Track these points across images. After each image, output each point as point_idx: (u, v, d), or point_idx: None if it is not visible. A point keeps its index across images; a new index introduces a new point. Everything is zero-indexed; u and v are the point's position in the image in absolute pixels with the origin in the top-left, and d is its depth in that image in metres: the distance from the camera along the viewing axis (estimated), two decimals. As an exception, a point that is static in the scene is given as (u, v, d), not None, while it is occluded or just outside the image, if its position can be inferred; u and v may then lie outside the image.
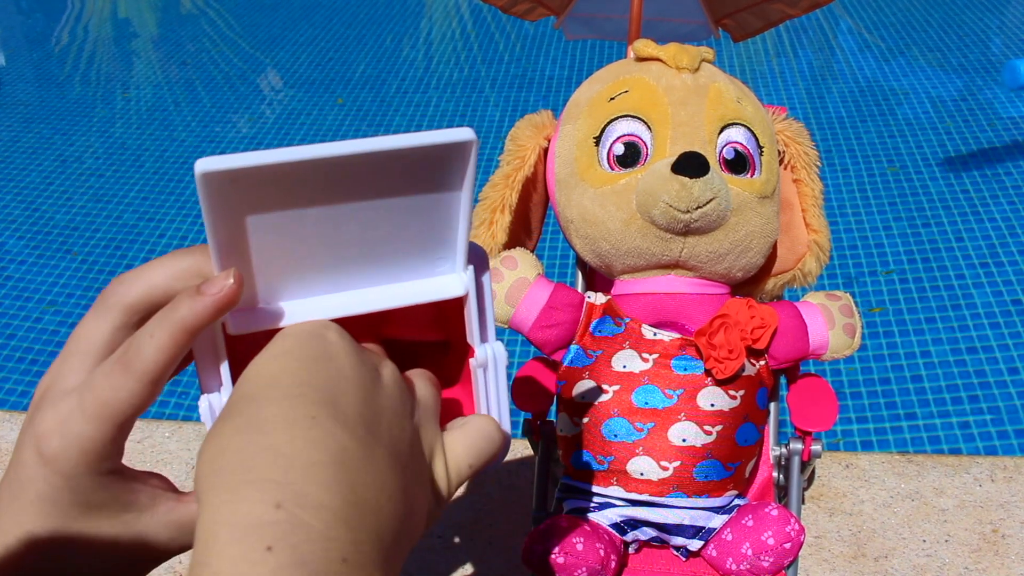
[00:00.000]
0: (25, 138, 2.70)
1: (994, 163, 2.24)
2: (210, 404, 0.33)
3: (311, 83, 2.96)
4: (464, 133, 0.31)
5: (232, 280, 0.30)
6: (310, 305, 0.33)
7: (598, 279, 0.90)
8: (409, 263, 0.35)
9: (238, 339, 0.33)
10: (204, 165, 0.28)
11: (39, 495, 0.30)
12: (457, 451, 0.35)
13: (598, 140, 0.75)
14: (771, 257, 0.81)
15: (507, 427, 0.37)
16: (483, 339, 0.37)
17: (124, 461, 0.33)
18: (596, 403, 0.75)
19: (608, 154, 0.74)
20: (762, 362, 0.77)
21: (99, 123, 2.79)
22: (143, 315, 0.32)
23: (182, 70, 3.16)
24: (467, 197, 0.33)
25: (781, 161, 0.80)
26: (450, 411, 0.38)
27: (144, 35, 3.58)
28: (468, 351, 0.37)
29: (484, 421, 0.36)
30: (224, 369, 0.33)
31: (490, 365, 0.37)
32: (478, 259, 0.36)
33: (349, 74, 3.01)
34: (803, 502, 1.19)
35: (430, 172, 0.32)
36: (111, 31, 3.62)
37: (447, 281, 0.36)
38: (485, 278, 0.36)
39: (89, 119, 2.81)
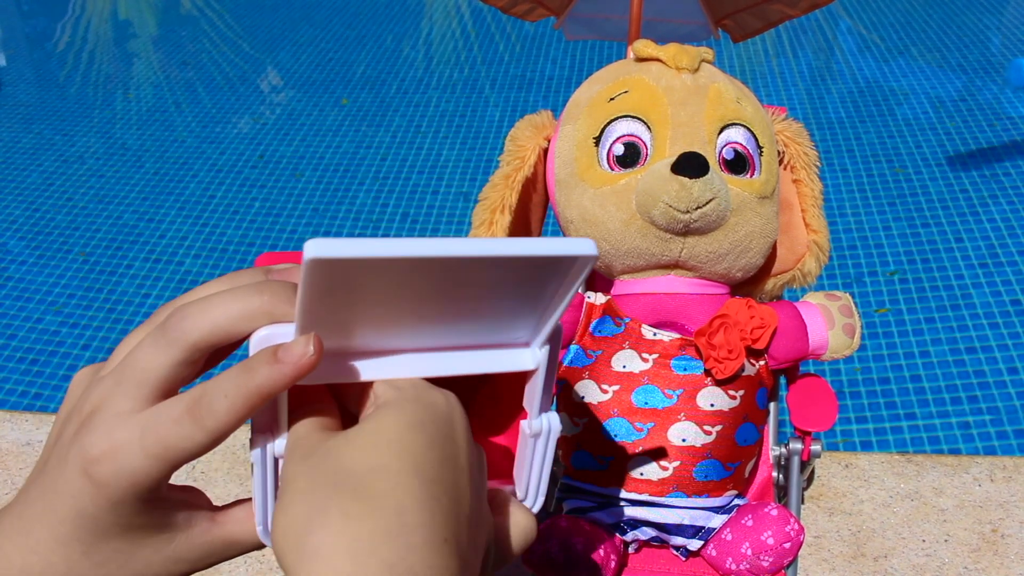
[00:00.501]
0: (26, 139, 2.70)
1: (994, 163, 2.25)
2: (264, 447, 0.33)
3: (311, 83, 2.97)
4: (587, 247, 0.30)
5: (312, 349, 0.30)
6: (386, 363, 0.33)
7: (598, 279, 0.90)
8: (489, 329, 0.35)
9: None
10: (315, 251, 0.27)
11: (80, 512, 0.31)
12: (502, 544, 0.35)
13: (598, 140, 0.75)
14: (771, 257, 0.81)
15: (542, 500, 0.38)
16: (543, 409, 0.37)
17: None
18: (596, 403, 0.76)
19: (608, 154, 0.74)
20: (762, 362, 0.78)
21: (99, 124, 2.79)
22: (205, 354, 0.32)
23: (182, 70, 3.16)
24: (572, 293, 0.33)
25: (781, 161, 0.80)
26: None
27: (144, 36, 3.58)
28: (518, 408, 0.38)
29: (527, 520, 0.36)
30: (283, 410, 0.33)
31: (542, 435, 0.37)
32: (555, 334, 0.36)
33: (349, 74, 3.02)
34: (803, 502, 1.19)
35: (544, 271, 0.32)
36: (111, 32, 3.62)
37: (522, 355, 0.36)
38: (555, 352, 0.37)
39: (89, 120, 2.81)
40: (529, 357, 0.36)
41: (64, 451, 0.31)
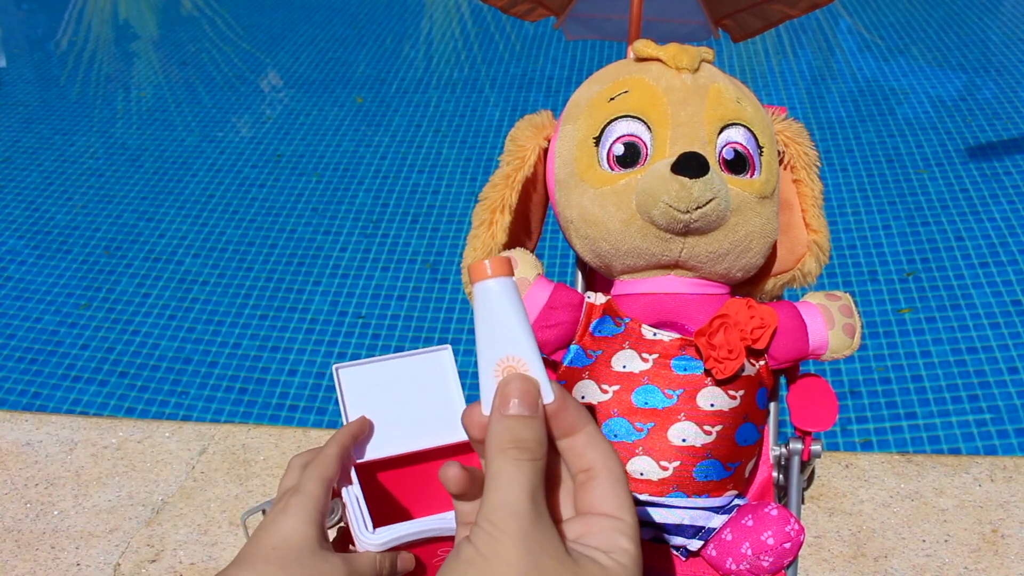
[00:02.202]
0: (26, 138, 2.70)
1: (994, 163, 2.25)
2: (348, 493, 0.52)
3: (311, 83, 2.97)
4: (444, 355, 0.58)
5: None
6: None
7: (598, 279, 0.90)
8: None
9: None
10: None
11: None
12: None
13: (598, 140, 0.75)
14: (771, 257, 0.81)
15: None
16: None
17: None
18: (596, 403, 0.76)
19: (608, 154, 0.74)
20: (762, 362, 0.78)
21: (99, 123, 2.79)
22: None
23: (182, 70, 3.16)
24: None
25: (781, 161, 0.80)
26: None
27: (144, 36, 3.58)
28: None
29: None
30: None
31: None
32: None
33: (349, 74, 3.01)
34: (803, 502, 1.19)
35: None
36: (111, 32, 3.62)
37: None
38: None
39: (89, 119, 2.81)
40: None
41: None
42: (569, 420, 0.35)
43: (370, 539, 0.90)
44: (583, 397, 0.76)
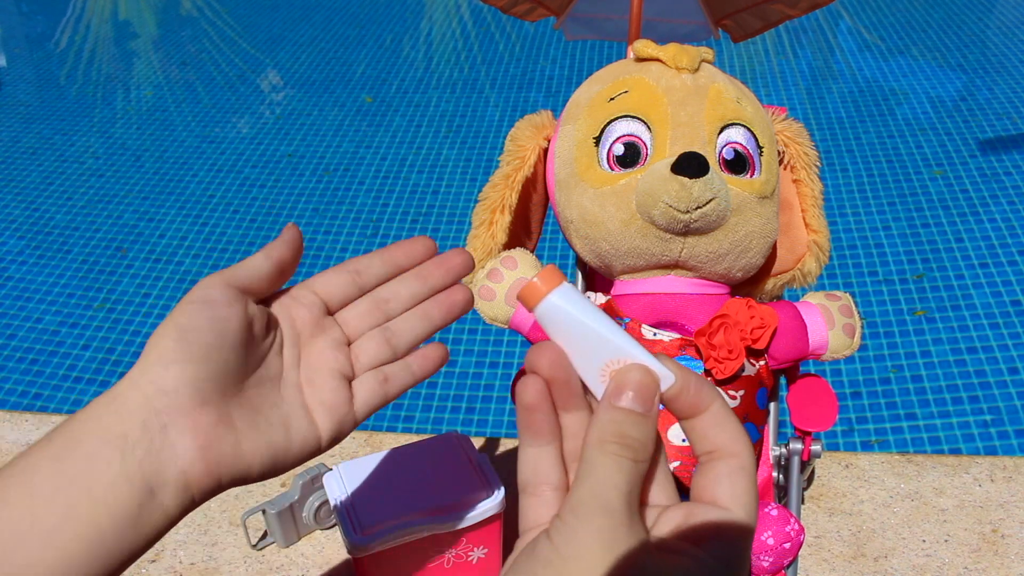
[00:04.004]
0: (25, 138, 2.70)
1: (994, 163, 2.25)
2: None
3: (311, 83, 2.97)
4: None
5: None
6: None
7: (598, 279, 0.90)
8: None
9: None
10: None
11: None
12: None
13: (598, 140, 0.75)
14: (771, 257, 0.81)
15: None
16: None
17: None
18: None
19: (608, 154, 0.74)
20: (762, 362, 0.78)
21: (99, 123, 2.79)
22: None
23: (182, 70, 3.16)
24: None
25: (781, 161, 0.80)
26: None
27: (144, 35, 3.58)
28: None
29: None
30: None
31: None
32: None
33: (349, 74, 3.01)
34: (803, 502, 1.19)
35: None
36: (111, 31, 3.62)
37: None
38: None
39: (89, 119, 2.81)
40: None
41: None
42: (691, 400, 0.32)
43: (359, 540, 0.91)
44: (583, 397, 0.76)
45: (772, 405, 0.85)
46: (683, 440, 0.73)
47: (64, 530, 0.33)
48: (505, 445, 1.34)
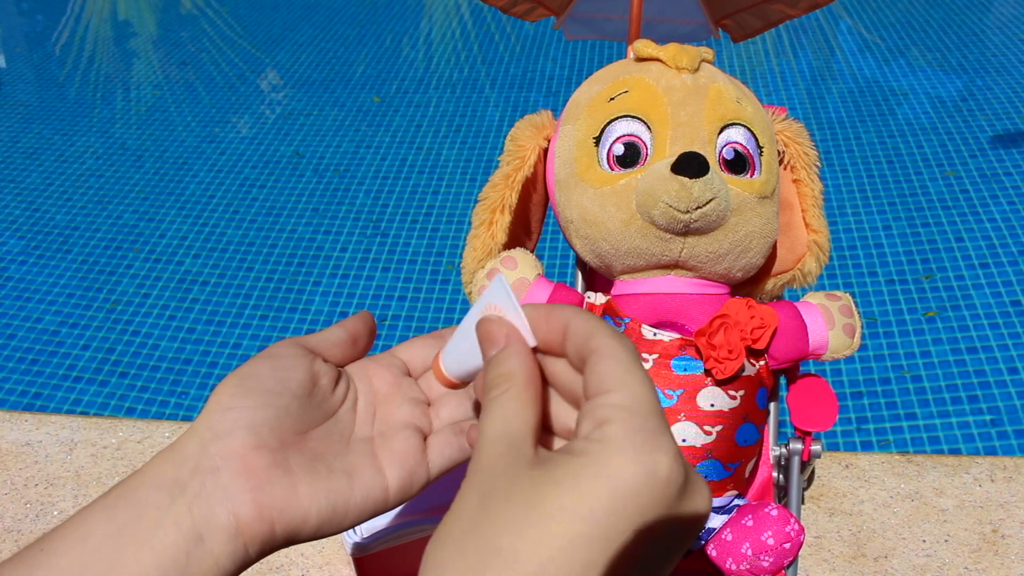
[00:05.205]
0: (25, 138, 2.70)
1: (994, 163, 2.25)
2: None
3: (311, 83, 2.97)
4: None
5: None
6: None
7: (598, 279, 0.90)
8: None
9: None
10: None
11: None
12: None
13: (598, 140, 0.75)
14: (771, 257, 0.81)
15: None
16: None
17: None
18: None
19: (608, 154, 0.74)
20: (762, 362, 0.77)
21: (99, 123, 2.79)
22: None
23: (182, 70, 3.16)
24: None
25: (781, 161, 0.80)
26: None
27: (144, 35, 3.58)
28: None
29: None
30: None
31: None
32: None
33: (349, 74, 3.01)
34: (803, 502, 1.19)
35: None
36: (111, 31, 3.62)
37: None
38: None
39: (89, 119, 2.81)
40: None
41: None
42: (555, 332, 0.32)
43: (356, 539, 0.90)
44: (583, 397, 0.76)
45: (772, 405, 0.85)
46: (683, 440, 0.73)
47: None
48: (505, 445, 1.34)
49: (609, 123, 0.74)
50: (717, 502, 0.76)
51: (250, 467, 0.34)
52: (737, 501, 0.78)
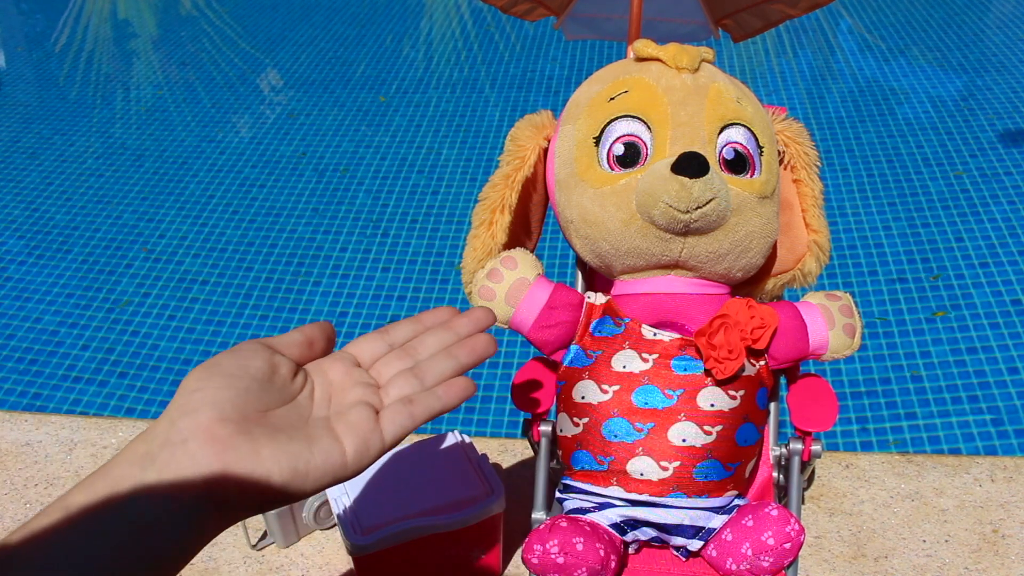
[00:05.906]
0: (25, 138, 2.70)
1: (994, 163, 2.24)
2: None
3: (311, 83, 2.97)
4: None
5: None
6: None
7: (598, 279, 0.90)
8: None
9: None
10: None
11: None
12: None
13: (598, 140, 0.75)
14: (771, 257, 0.81)
15: None
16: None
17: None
18: (596, 403, 0.75)
19: (608, 154, 0.74)
20: (762, 362, 0.77)
21: (99, 123, 2.79)
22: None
23: (182, 70, 3.16)
24: None
25: (781, 161, 0.80)
26: None
27: (144, 35, 3.58)
28: None
29: None
30: None
31: None
32: None
33: (349, 74, 3.01)
34: (803, 502, 1.19)
35: None
36: (111, 31, 3.62)
37: None
38: None
39: (89, 119, 2.81)
40: None
41: None
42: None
43: (359, 540, 0.91)
44: (583, 397, 0.76)
45: (772, 405, 0.85)
46: (683, 440, 0.73)
47: (92, 544, 0.35)
48: (505, 445, 1.34)
49: (609, 123, 0.74)
50: (717, 502, 0.76)
51: (215, 435, 0.38)
52: (737, 501, 0.78)
